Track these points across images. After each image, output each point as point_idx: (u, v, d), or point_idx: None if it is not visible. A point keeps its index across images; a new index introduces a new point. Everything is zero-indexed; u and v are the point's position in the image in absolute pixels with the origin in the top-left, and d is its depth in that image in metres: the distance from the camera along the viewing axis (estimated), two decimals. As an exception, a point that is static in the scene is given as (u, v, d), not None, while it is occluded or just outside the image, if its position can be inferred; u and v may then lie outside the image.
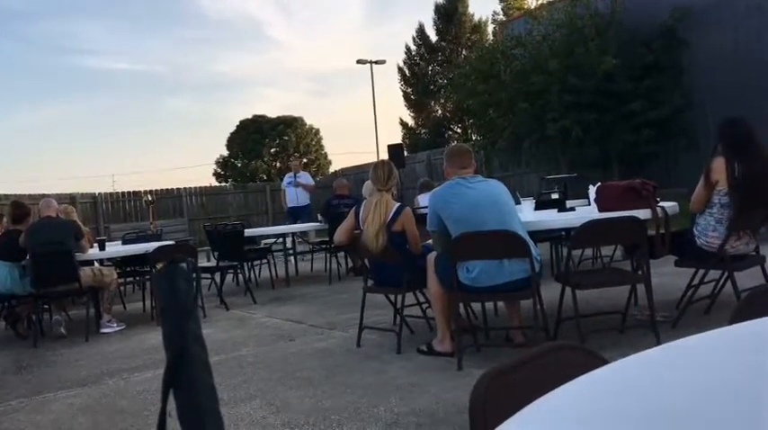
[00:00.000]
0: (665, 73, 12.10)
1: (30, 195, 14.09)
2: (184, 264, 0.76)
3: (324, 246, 8.77)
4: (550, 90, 12.12)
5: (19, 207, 6.13)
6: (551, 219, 4.54)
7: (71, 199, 16.26)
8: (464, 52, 27.59)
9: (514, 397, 0.83)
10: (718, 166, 4.04)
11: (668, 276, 5.01)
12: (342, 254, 8.33)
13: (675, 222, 4.33)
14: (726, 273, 4.10)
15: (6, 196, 14.35)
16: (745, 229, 4.09)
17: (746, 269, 4.12)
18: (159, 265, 0.80)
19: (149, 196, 15.36)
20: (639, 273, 4.10)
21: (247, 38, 61.66)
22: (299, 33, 61.23)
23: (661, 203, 4.19)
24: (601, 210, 4.26)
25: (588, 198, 4.73)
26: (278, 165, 32.58)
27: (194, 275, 0.82)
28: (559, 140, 12.35)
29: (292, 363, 4.20)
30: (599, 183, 4.57)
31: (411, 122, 30.61)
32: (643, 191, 4.15)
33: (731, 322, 1.12)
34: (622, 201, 4.15)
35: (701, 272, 4.25)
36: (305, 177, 11.79)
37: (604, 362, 0.91)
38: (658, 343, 1.94)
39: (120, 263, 7.29)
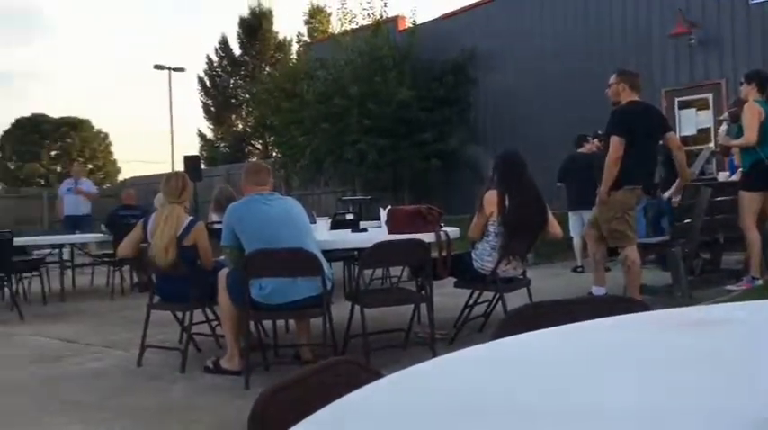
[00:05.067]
0: (454, 107, 13.09)
1: None
2: None
3: (107, 259, 8.20)
4: (350, 113, 12.53)
5: None
6: (345, 238, 4.66)
7: None
8: (268, 68, 27.53)
9: (294, 412, 0.83)
10: (491, 199, 4.43)
11: (449, 296, 5.36)
12: (127, 268, 7.84)
13: (457, 246, 4.66)
14: (497, 294, 4.48)
15: None
16: (514, 255, 4.51)
17: (515, 290, 4.55)
18: None
19: None
20: (423, 292, 4.35)
21: (29, 28, 56.15)
22: (93, 30, 57.07)
23: (444, 228, 4.49)
24: (390, 232, 4.45)
25: (380, 220, 4.93)
26: (58, 169, 29.95)
27: None
28: (356, 163, 12.78)
29: (59, 386, 3.84)
30: (389, 207, 4.79)
31: (210, 135, 29.80)
32: (428, 215, 4.42)
33: (494, 337, 1.22)
34: (410, 225, 4.37)
35: (477, 293, 4.62)
36: (87, 185, 11.00)
37: (380, 375, 0.95)
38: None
39: None
